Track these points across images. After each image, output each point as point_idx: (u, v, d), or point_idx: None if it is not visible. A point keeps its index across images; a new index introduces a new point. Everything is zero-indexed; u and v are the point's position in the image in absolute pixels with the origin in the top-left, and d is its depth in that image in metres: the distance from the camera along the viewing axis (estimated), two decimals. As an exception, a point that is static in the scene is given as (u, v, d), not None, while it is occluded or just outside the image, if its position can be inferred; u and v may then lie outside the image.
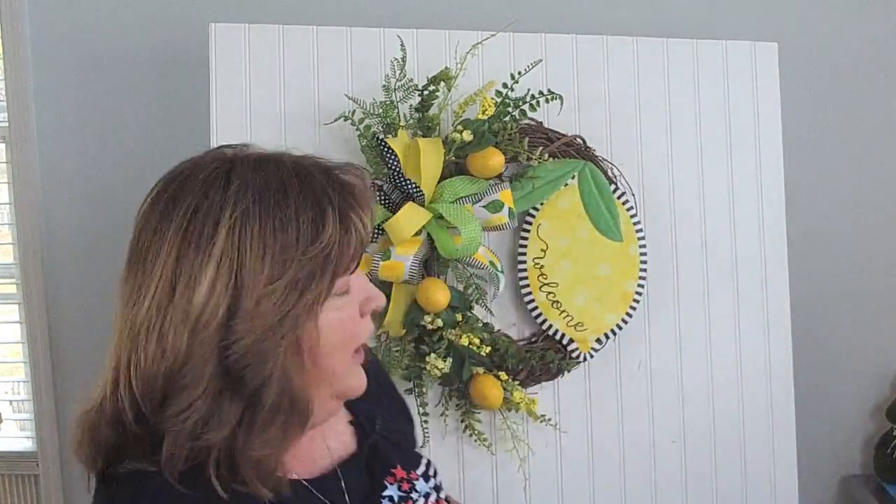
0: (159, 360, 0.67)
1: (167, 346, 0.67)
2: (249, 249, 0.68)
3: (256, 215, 0.69)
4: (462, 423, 1.46)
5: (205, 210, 0.69)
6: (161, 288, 0.68)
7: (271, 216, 0.69)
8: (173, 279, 0.68)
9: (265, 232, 0.68)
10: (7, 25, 1.92)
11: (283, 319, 0.69)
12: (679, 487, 1.58)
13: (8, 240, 2.06)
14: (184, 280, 0.67)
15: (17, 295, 2.02)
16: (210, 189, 0.70)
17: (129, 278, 0.71)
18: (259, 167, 0.74)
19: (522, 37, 1.54)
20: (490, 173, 1.42)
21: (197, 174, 0.72)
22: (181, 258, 0.68)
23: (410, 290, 1.41)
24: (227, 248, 0.68)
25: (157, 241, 0.69)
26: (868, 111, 1.97)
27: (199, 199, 0.69)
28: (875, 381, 2.02)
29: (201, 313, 0.67)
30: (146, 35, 1.91)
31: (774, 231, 1.63)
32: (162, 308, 0.67)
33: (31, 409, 2.05)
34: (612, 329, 1.51)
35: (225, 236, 0.68)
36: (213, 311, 0.67)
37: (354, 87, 1.48)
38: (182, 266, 0.68)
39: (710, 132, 1.61)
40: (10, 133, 1.95)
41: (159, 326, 0.67)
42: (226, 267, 0.67)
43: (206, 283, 0.67)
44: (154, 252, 0.69)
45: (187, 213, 0.69)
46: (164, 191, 0.73)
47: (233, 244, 0.68)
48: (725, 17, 1.94)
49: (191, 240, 0.68)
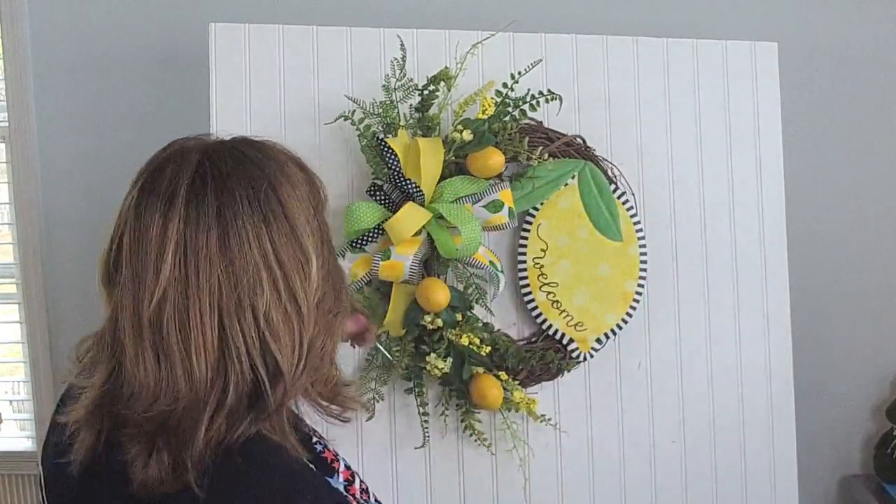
0: (298, 328, 0.75)
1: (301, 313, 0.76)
2: (307, 216, 0.79)
3: (290, 186, 0.78)
4: (462, 422, 1.46)
5: (262, 189, 0.76)
6: (271, 268, 0.74)
7: (293, 184, 0.80)
8: (277, 258, 0.75)
9: (300, 198, 0.79)
10: (7, 25, 1.92)
11: (336, 264, 0.84)
12: (679, 487, 1.58)
13: (8, 240, 2.06)
14: (291, 257, 0.75)
15: (17, 295, 2.03)
16: (246, 171, 0.77)
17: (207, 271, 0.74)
18: (253, 147, 0.82)
19: (522, 37, 1.54)
20: (490, 173, 1.42)
21: (219, 161, 0.78)
22: (271, 237, 0.75)
23: (410, 290, 1.41)
24: (304, 222, 0.77)
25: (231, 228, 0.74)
26: (868, 111, 1.97)
27: (245, 183, 0.76)
28: (875, 381, 2.02)
29: (318, 281, 0.77)
30: (146, 35, 1.92)
31: (774, 231, 1.63)
32: (284, 284, 0.74)
33: (31, 409, 2.05)
34: (612, 329, 1.51)
35: (296, 213, 0.77)
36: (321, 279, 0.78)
37: (354, 87, 1.48)
38: (279, 246, 0.75)
39: (710, 132, 1.61)
40: (10, 133, 1.96)
41: (290, 299, 0.75)
42: (311, 237, 0.78)
43: (312, 257, 0.77)
44: (235, 239, 0.74)
45: (247, 198, 0.75)
46: (191, 185, 0.76)
47: (300, 216, 0.77)
48: (725, 17, 1.94)
49: (269, 221, 0.75)
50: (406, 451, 1.47)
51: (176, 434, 0.72)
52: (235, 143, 0.81)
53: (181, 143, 0.80)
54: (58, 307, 1.99)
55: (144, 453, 0.72)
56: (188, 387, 0.72)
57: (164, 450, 0.71)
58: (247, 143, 0.82)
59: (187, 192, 0.74)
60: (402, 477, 1.48)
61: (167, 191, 0.74)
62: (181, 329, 0.72)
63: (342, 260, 1.38)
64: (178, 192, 0.74)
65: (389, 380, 1.45)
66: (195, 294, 0.72)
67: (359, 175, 1.47)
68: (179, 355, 0.72)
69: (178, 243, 0.72)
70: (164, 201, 0.74)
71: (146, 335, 0.72)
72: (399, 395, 1.47)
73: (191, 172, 0.75)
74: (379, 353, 1.44)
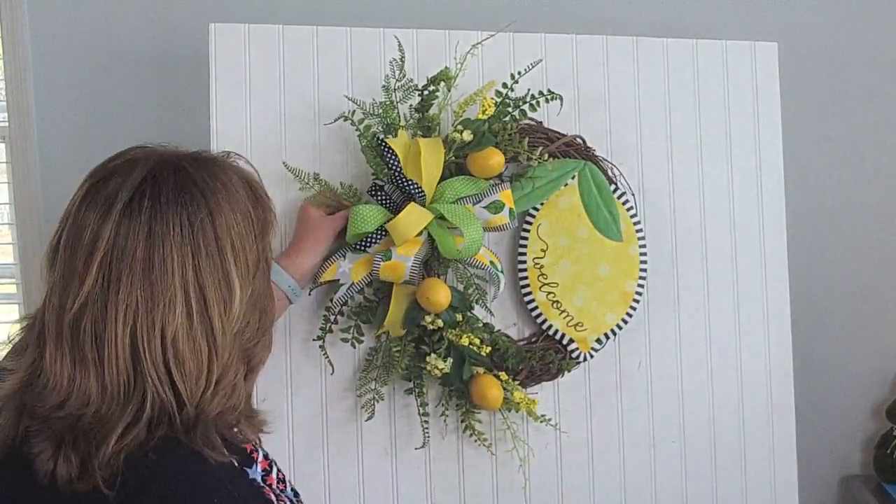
0: (208, 357, 0.76)
1: (216, 344, 0.76)
2: (243, 244, 0.79)
3: (231, 213, 0.80)
4: (462, 423, 1.46)
5: (198, 219, 0.77)
6: (189, 295, 0.75)
7: (235, 210, 0.80)
8: (199, 287, 0.76)
9: (240, 226, 0.80)
10: (7, 25, 1.92)
11: (266, 291, 0.83)
12: (679, 487, 1.58)
13: (8, 240, 2.06)
14: (214, 289, 0.76)
15: (17, 295, 2.03)
16: (186, 196, 0.78)
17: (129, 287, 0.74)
18: (203, 167, 0.82)
19: (522, 37, 1.54)
20: (490, 173, 1.42)
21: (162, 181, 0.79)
22: (198, 268, 0.76)
23: (411, 291, 1.41)
24: (237, 252, 0.78)
25: (157, 252, 0.75)
26: (868, 111, 1.97)
27: (181, 209, 0.77)
28: (875, 381, 2.02)
29: (240, 314, 0.78)
30: (146, 35, 1.91)
31: (774, 231, 1.63)
32: (200, 313, 0.76)
33: (31, 409, 2.05)
34: (613, 329, 1.51)
35: (230, 244, 0.77)
36: (241, 308, 0.79)
37: (354, 88, 1.48)
38: (204, 276, 0.76)
39: (710, 132, 1.61)
40: (10, 133, 1.96)
41: (205, 329, 0.76)
42: (242, 268, 0.78)
43: (237, 289, 0.78)
44: (160, 263, 0.75)
45: (180, 224, 0.76)
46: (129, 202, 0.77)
47: (234, 246, 0.78)
48: (725, 17, 1.94)
49: (198, 250, 0.76)
50: (406, 451, 1.47)
51: (85, 439, 0.73)
52: (185, 160, 0.82)
53: (133, 154, 0.83)
54: (58, 307, 1.98)
55: (49, 450, 0.73)
56: (100, 395, 0.73)
57: (72, 451, 0.73)
58: (197, 161, 0.83)
59: (123, 207, 0.76)
60: (402, 477, 1.48)
61: (106, 201, 0.77)
62: (97, 338, 0.73)
63: (342, 260, 1.38)
64: (115, 205, 0.76)
65: (389, 380, 1.45)
66: (113, 307, 0.73)
67: (359, 175, 1.47)
68: (94, 363, 0.73)
69: (106, 255, 0.74)
70: (101, 210, 0.76)
71: (65, 336, 0.74)
72: (399, 396, 1.47)
73: (131, 188, 0.77)
74: (379, 352, 1.44)
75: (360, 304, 1.45)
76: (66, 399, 0.73)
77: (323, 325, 1.40)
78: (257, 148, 1.45)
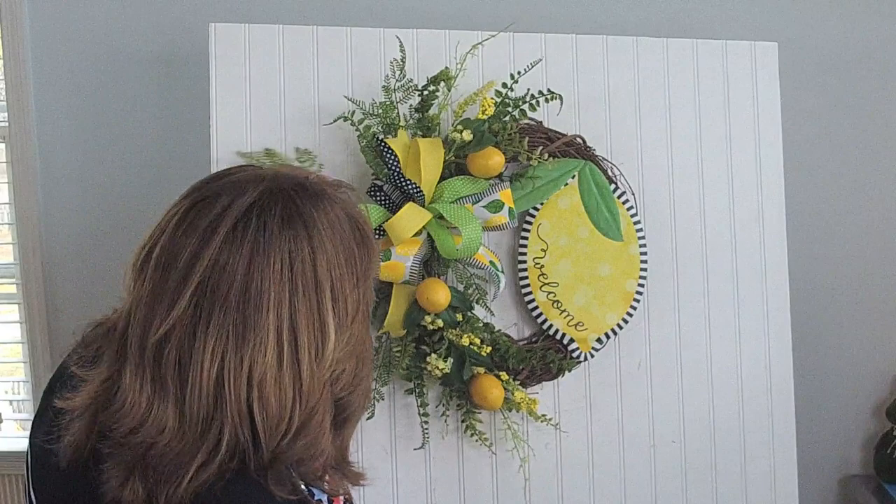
0: (292, 402, 0.72)
1: (302, 390, 0.72)
2: (343, 286, 0.75)
3: (334, 253, 0.75)
4: (463, 423, 1.46)
5: (300, 257, 0.73)
6: (281, 337, 0.71)
7: (338, 250, 0.76)
8: (293, 329, 0.72)
9: (344, 275, 0.75)
10: (7, 25, 1.92)
11: (363, 342, 0.78)
12: (679, 487, 1.58)
13: (8, 240, 2.06)
14: (308, 332, 0.72)
15: (17, 295, 2.02)
16: (290, 232, 0.74)
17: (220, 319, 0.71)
18: (311, 199, 0.77)
19: (522, 37, 1.54)
20: (490, 173, 1.42)
21: (267, 211, 0.74)
22: (294, 308, 0.72)
23: (411, 291, 1.41)
24: (336, 294, 0.74)
25: (253, 287, 0.71)
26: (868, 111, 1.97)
27: (284, 244, 0.73)
28: (875, 381, 2.02)
29: (333, 360, 0.74)
30: (146, 35, 1.91)
31: (774, 231, 1.63)
32: (290, 356, 0.72)
33: (31, 409, 2.05)
34: (613, 329, 1.51)
35: (329, 285, 0.73)
36: (335, 355, 0.74)
37: (354, 88, 1.48)
38: (299, 317, 0.72)
39: (710, 132, 1.61)
40: (10, 133, 1.95)
41: (293, 373, 0.72)
42: (340, 312, 0.74)
43: (331, 333, 0.73)
44: (256, 299, 0.71)
45: (281, 260, 0.72)
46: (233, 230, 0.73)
47: (333, 288, 0.74)
48: (725, 17, 1.94)
49: (296, 289, 0.72)
50: (406, 451, 1.47)
51: (155, 471, 0.70)
52: (293, 188, 0.77)
53: (239, 176, 0.78)
54: (58, 307, 1.99)
55: (121, 477, 0.71)
56: (177, 425, 0.70)
57: (140, 482, 0.70)
58: (306, 191, 0.77)
59: (226, 234, 0.72)
60: (402, 477, 1.48)
61: (210, 225, 0.73)
62: (181, 366, 0.70)
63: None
64: (218, 231, 0.72)
65: (390, 380, 1.45)
66: (202, 337, 0.70)
67: (359, 175, 1.47)
68: (174, 391, 0.70)
69: (202, 282, 0.71)
70: (202, 234, 0.72)
71: (147, 358, 0.71)
72: (399, 396, 1.47)
73: (236, 215, 0.73)
74: (380, 352, 1.44)
75: (361, 304, 1.45)
76: (141, 424, 0.70)
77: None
78: (257, 148, 1.45)
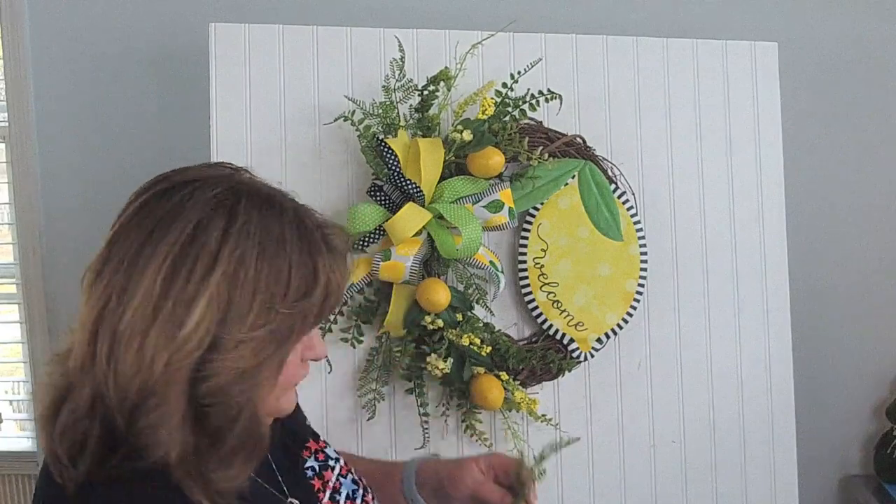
0: (135, 373, 0.67)
1: (144, 362, 0.67)
2: (241, 293, 0.69)
3: (254, 260, 0.70)
4: (463, 423, 1.46)
5: (205, 239, 0.69)
6: (147, 301, 0.68)
7: (267, 265, 0.70)
8: (161, 297, 0.68)
9: (259, 279, 0.69)
10: (7, 25, 1.92)
11: (257, 366, 0.70)
12: (679, 487, 1.58)
13: (8, 240, 2.06)
14: (173, 303, 0.67)
15: (17, 295, 2.02)
16: (215, 216, 0.70)
17: (108, 274, 0.70)
18: (264, 207, 0.74)
19: (522, 37, 1.54)
20: (490, 173, 1.42)
21: (203, 193, 0.72)
22: (173, 279, 0.68)
23: (411, 290, 1.41)
24: (222, 287, 0.68)
25: (148, 250, 0.69)
26: (868, 111, 1.97)
27: (202, 224, 0.70)
28: (875, 381, 2.02)
29: (185, 342, 0.67)
30: (146, 35, 1.91)
31: (774, 231, 1.63)
32: (146, 322, 0.67)
33: (31, 409, 2.05)
34: (613, 329, 1.51)
35: (221, 275, 0.68)
36: (197, 344, 0.68)
37: (354, 88, 1.48)
38: (173, 288, 0.68)
39: (710, 132, 1.61)
40: (10, 133, 1.95)
41: (140, 340, 0.67)
42: (216, 304, 0.68)
43: (196, 314, 0.67)
44: (144, 261, 0.69)
45: (185, 233, 0.69)
46: (164, 196, 0.72)
47: (228, 284, 0.68)
48: (725, 17, 1.93)
49: (185, 264, 0.68)
50: (406, 451, 1.47)
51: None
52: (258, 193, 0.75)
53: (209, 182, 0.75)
54: (58, 307, 1.99)
55: None
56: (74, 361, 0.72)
57: None
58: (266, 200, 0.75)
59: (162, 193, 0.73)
60: (402, 477, 1.48)
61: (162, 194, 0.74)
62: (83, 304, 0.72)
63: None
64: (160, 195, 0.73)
65: (390, 380, 1.45)
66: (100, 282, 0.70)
67: (359, 175, 1.47)
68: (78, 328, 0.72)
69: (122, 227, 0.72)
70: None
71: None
72: (399, 396, 1.47)
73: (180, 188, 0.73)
74: (380, 352, 1.44)
75: (360, 304, 1.45)
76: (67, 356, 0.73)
77: (323, 325, 1.40)
78: (257, 148, 1.45)
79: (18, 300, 2.02)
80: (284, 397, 0.81)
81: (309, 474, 0.91)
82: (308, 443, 0.94)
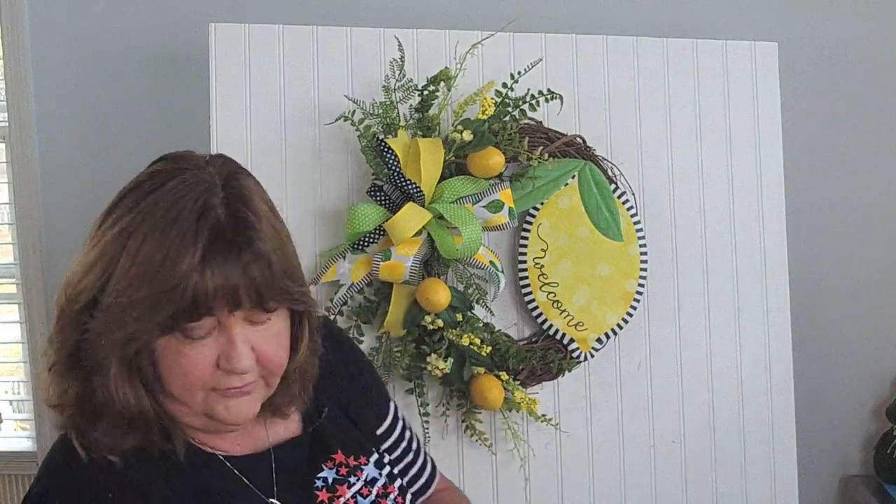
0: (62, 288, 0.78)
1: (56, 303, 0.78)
2: (123, 258, 0.74)
3: (143, 234, 0.74)
4: (463, 422, 1.46)
5: (122, 206, 0.77)
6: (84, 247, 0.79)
7: (154, 241, 0.73)
8: (87, 241, 0.78)
9: (141, 252, 0.73)
10: (7, 25, 1.92)
11: (119, 329, 0.73)
12: (679, 487, 1.58)
13: (8, 240, 2.06)
14: (80, 252, 0.78)
15: (17, 295, 2.02)
16: (141, 189, 0.78)
17: None
18: (179, 188, 0.77)
19: (522, 37, 1.54)
20: (490, 173, 1.42)
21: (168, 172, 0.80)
22: (92, 235, 0.78)
23: (411, 290, 1.41)
24: (113, 246, 0.75)
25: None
26: (868, 111, 1.97)
27: (132, 194, 0.78)
28: (875, 381, 2.01)
29: (76, 284, 0.76)
30: (146, 35, 1.91)
31: (774, 231, 1.63)
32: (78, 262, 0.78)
33: (31, 409, 2.05)
34: (613, 329, 1.51)
35: (117, 234, 0.75)
36: (85, 289, 0.76)
37: (354, 88, 1.48)
38: (87, 240, 0.78)
39: (709, 132, 1.61)
40: (10, 133, 1.95)
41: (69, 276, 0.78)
42: (104, 261, 0.75)
43: (87, 262, 0.76)
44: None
45: (117, 201, 0.78)
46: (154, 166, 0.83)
47: (117, 246, 0.75)
48: (725, 17, 1.93)
49: (100, 223, 0.77)
50: (406, 451, 1.47)
51: None
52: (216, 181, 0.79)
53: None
54: (58, 307, 1.98)
55: None
56: None
57: None
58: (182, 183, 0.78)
59: None
60: (402, 477, 1.48)
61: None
62: None
63: (342, 261, 1.38)
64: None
65: (390, 380, 1.45)
66: None
67: (359, 175, 1.47)
68: None
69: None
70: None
71: None
72: (400, 396, 1.47)
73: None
74: (380, 352, 1.44)
75: (360, 304, 1.45)
76: None
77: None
78: (257, 148, 1.45)
79: (18, 300, 2.02)
80: (213, 409, 0.78)
81: (317, 484, 0.88)
82: (335, 454, 0.90)
